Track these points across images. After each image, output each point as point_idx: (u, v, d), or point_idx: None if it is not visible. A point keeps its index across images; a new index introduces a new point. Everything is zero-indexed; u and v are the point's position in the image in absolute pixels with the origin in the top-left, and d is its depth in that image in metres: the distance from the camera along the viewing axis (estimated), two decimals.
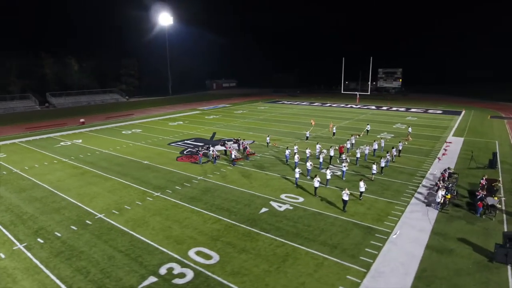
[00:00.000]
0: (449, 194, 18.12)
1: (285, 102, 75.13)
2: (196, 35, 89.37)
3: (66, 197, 20.01)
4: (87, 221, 16.86)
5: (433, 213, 17.56)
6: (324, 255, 13.67)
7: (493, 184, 19.73)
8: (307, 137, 35.07)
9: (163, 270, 12.78)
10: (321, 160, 25.11)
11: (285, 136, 37.14)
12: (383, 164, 23.76)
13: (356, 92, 74.76)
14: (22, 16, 65.66)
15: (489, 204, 16.89)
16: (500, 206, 16.96)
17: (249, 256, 13.63)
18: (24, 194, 20.64)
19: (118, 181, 22.84)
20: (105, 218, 17.22)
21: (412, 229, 15.83)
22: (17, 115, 58.32)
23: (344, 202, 17.69)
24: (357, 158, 26.18)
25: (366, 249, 14.09)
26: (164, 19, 79.92)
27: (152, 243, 14.74)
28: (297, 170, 21.67)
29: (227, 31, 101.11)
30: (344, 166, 22.88)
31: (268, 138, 32.62)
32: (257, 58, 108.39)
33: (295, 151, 27.94)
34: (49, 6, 69.56)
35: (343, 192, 17.66)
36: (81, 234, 15.57)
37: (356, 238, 15.00)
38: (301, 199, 19.43)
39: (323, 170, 21.47)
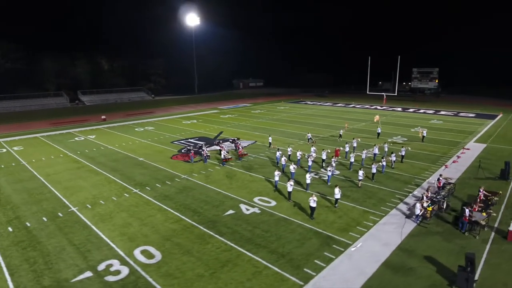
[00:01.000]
0: (430, 206, 16.42)
1: (308, 102, 73.48)
2: (223, 35, 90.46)
3: (53, 190, 21.19)
4: (59, 214, 17.68)
5: (410, 226, 16.01)
6: (267, 264, 13.02)
7: (489, 198, 17.54)
8: (309, 139, 33.91)
9: (102, 266, 12.98)
10: (309, 163, 24.06)
11: (289, 137, 36.23)
12: (374, 170, 22.19)
13: (382, 93, 70.92)
14: (59, 19, 71.13)
15: (472, 219, 15.00)
16: (484, 223, 14.96)
17: (190, 259, 13.38)
18: (18, 185, 22.20)
19: (106, 176, 23.73)
20: (76, 211, 17.94)
21: (377, 242, 14.54)
22: (48, 111, 63.07)
23: (311, 208, 16.74)
24: (351, 162, 24.77)
25: (316, 261, 13.18)
26: (191, 19, 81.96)
27: (106, 238, 15.06)
28: (276, 173, 20.96)
29: (254, 30, 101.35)
30: (329, 170, 21.74)
31: (270, 138, 32.02)
32: (285, 58, 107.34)
33: (289, 153, 27.29)
34: (83, 9, 74.64)
35: (310, 198, 16.73)
36: (47, 226, 16.35)
37: (310, 248, 14.10)
38: (273, 203, 18.75)
39: (308, 175, 20.52)
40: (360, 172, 21.07)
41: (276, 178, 20.86)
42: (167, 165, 26.22)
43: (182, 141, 35.14)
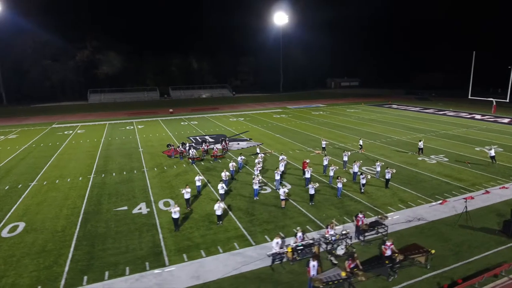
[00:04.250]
0: (290, 247, 12.65)
1: (394, 106, 63.52)
2: (314, 32, 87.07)
3: (47, 165, 26.26)
4: (19, 185, 21.94)
5: (260, 264, 12.81)
6: (56, 264, 13.05)
7: (394, 256, 12.03)
8: (323, 147, 29.93)
9: None
10: (256, 171, 21.64)
11: (304, 143, 32.93)
12: (312, 191, 18.25)
13: (491, 99, 54.25)
14: (161, 23, 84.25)
15: (311, 276, 10.81)
16: (322, 286, 10.45)
17: (27, 241, 14.65)
18: (35, 159, 28.30)
19: (93, 161, 27.52)
20: (31, 185, 21.81)
21: (192, 273, 12.37)
22: (138, 103, 74.81)
23: (173, 220, 15.47)
24: (307, 178, 20.91)
25: (107, 272, 12.40)
26: (280, 18, 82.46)
27: (12, 210, 17.95)
28: (197, 178, 20.00)
29: (352, 26, 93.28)
30: (255, 183, 19.15)
31: (258, 150, 30.02)
32: (390, 56, 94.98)
33: (259, 159, 25.24)
34: (180, 13, 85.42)
35: (172, 209, 15.48)
36: None
37: (123, 259, 13.26)
38: (170, 208, 18.07)
39: (220, 185, 18.70)
40: (281, 191, 17.79)
41: (198, 183, 19.95)
42: (149, 157, 28.32)
43: (197, 137, 36.85)
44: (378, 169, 22.42)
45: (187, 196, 17.91)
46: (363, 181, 19.70)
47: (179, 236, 15.16)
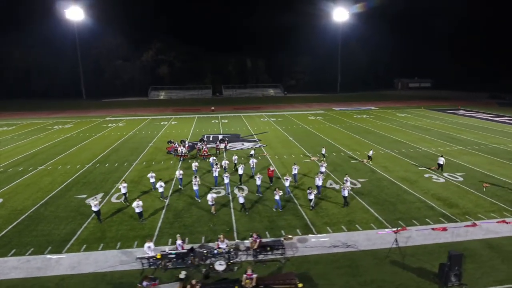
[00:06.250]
0: (160, 254, 12.23)
1: (459, 111, 54.60)
2: (378, 28, 79.82)
3: (65, 153, 30.26)
4: (30, 168, 25.81)
5: (134, 266, 12.76)
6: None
7: (243, 282, 10.54)
8: (323, 154, 27.81)
9: None
10: (215, 174, 21.22)
11: (309, 148, 31.00)
12: (241, 200, 17.26)
13: None
14: (217, 26, 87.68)
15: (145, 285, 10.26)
16: None
17: None
18: (62, 147, 32.77)
19: (102, 152, 30.60)
20: (39, 168, 25.53)
21: (63, 265, 13.02)
22: (190, 100, 79.05)
23: (95, 212, 16.43)
24: (258, 185, 19.69)
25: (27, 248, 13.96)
26: (339, 14, 77.89)
27: (4, 189, 21.40)
28: (150, 174, 20.83)
29: (427, 21, 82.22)
30: (195, 184, 18.94)
31: (253, 151, 29.30)
32: (473, 54, 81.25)
33: (235, 161, 24.79)
34: (237, 13, 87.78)
35: (91, 201, 16.56)
36: (5, 172, 24.76)
37: (32, 241, 14.70)
38: (120, 200, 19.20)
39: (159, 183, 19.08)
40: (209, 196, 17.22)
41: (152, 180, 20.71)
42: (150, 152, 30.34)
43: (211, 135, 37.77)
44: (348, 184, 19.73)
45: (123, 190, 18.71)
46: (310, 197, 17.58)
47: (98, 227, 16.05)
